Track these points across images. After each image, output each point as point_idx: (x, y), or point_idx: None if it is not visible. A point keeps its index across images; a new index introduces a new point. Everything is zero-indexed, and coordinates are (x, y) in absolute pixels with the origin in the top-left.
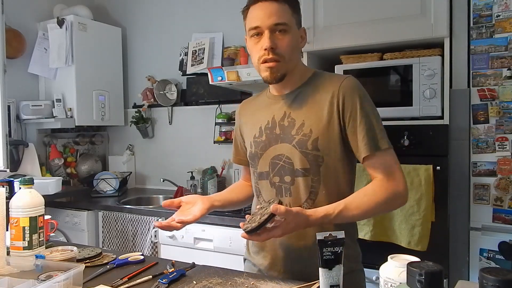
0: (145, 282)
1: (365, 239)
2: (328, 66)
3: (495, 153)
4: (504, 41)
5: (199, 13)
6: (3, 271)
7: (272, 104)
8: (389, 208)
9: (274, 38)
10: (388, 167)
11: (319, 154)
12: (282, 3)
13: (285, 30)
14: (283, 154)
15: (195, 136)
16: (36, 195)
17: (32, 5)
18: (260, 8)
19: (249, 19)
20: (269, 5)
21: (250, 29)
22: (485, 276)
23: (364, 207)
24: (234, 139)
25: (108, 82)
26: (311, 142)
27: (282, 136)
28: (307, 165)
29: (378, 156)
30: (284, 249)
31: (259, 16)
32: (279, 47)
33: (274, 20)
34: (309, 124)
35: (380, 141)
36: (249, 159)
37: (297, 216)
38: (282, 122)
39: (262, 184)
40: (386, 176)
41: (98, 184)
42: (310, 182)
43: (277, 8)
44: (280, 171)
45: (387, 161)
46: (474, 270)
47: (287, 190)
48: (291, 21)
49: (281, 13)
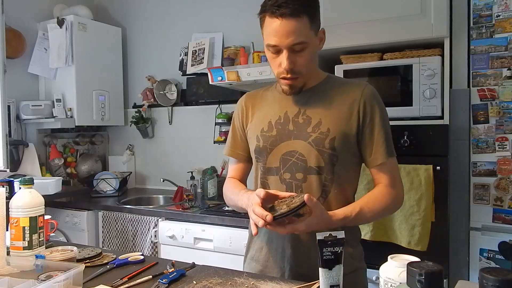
0: (145, 282)
1: (365, 239)
2: (328, 66)
3: (495, 153)
4: (504, 41)
5: (199, 13)
6: (3, 271)
7: (283, 100)
8: (391, 212)
9: (292, 57)
10: (394, 175)
11: (335, 154)
12: (301, 17)
13: (303, 47)
14: (296, 151)
15: (195, 136)
16: (36, 195)
17: (32, 5)
18: (279, 26)
19: (266, 33)
20: (287, 23)
21: (268, 46)
22: (485, 276)
23: (376, 211)
24: (232, 131)
25: (108, 82)
26: (328, 141)
27: (296, 132)
28: (322, 163)
29: (389, 163)
30: (284, 249)
31: (278, 35)
32: (298, 65)
33: (293, 41)
34: (327, 123)
35: (392, 149)
36: (255, 153)
37: (323, 213)
38: (296, 118)
39: (271, 180)
40: (391, 182)
41: (98, 184)
42: (323, 181)
43: (295, 26)
44: (292, 167)
45: (393, 168)
46: (474, 270)
47: (298, 187)
48: (309, 35)
49: (299, 31)
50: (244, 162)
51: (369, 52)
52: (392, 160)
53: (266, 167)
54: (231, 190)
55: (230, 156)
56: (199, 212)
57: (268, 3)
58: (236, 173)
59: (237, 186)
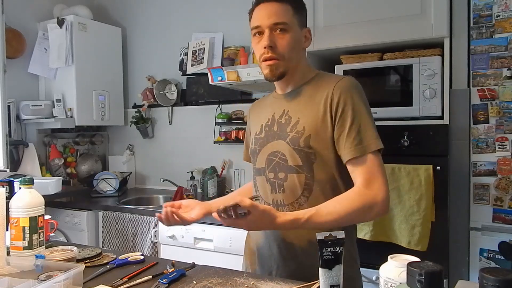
0: (145, 282)
1: (365, 239)
2: (328, 66)
3: (495, 153)
4: (504, 41)
5: (199, 13)
6: (3, 271)
7: (274, 103)
8: (365, 217)
9: (273, 37)
10: (370, 173)
11: (311, 152)
12: (284, 3)
13: (285, 29)
14: (278, 151)
15: (195, 136)
16: (36, 195)
17: (32, 5)
18: (262, 8)
19: (252, 19)
20: (270, 5)
21: (252, 29)
22: (485, 276)
23: (336, 214)
24: (245, 138)
25: (108, 82)
26: (303, 139)
27: (279, 133)
28: (300, 162)
29: (362, 160)
30: (271, 249)
31: (260, 16)
32: (279, 46)
33: (274, 20)
34: (303, 122)
35: (369, 144)
36: (250, 156)
37: (263, 214)
38: (280, 119)
39: (258, 180)
40: (366, 182)
41: (98, 184)
42: (303, 179)
43: (277, 8)
44: (275, 167)
45: (371, 166)
46: (474, 270)
47: (280, 186)
48: (292, 21)
49: (282, 13)
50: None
51: (369, 52)
52: (371, 156)
53: (256, 168)
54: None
55: (245, 161)
56: None
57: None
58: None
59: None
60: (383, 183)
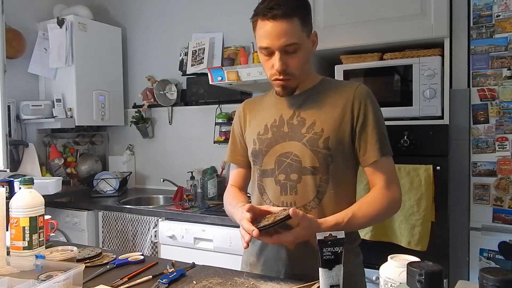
0: (145, 282)
1: (365, 239)
2: (328, 66)
3: (495, 153)
4: (504, 41)
5: (199, 13)
6: (3, 271)
7: (279, 104)
8: (388, 216)
9: (285, 59)
10: (389, 175)
11: (329, 153)
12: (292, 18)
13: (295, 49)
14: (291, 152)
15: (195, 136)
16: (36, 195)
17: (32, 5)
18: (270, 27)
19: (259, 35)
20: (279, 25)
21: (261, 48)
22: (485, 276)
23: (369, 216)
24: (232, 137)
25: (108, 82)
26: (322, 140)
27: (291, 134)
28: (317, 163)
29: (384, 162)
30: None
31: (270, 37)
32: (290, 67)
33: (285, 42)
34: (321, 124)
35: (387, 148)
36: (252, 157)
37: (311, 223)
38: (291, 120)
39: (266, 182)
40: (386, 183)
41: (98, 184)
42: (318, 181)
43: (287, 27)
44: (287, 168)
45: (389, 168)
46: (474, 270)
47: (293, 188)
48: (301, 36)
49: (291, 32)
50: (245, 168)
51: (369, 52)
52: (387, 159)
53: (262, 169)
54: (229, 202)
55: (230, 162)
56: (199, 212)
57: (260, 7)
58: (236, 179)
59: (236, 198)
60: (398, 184)
